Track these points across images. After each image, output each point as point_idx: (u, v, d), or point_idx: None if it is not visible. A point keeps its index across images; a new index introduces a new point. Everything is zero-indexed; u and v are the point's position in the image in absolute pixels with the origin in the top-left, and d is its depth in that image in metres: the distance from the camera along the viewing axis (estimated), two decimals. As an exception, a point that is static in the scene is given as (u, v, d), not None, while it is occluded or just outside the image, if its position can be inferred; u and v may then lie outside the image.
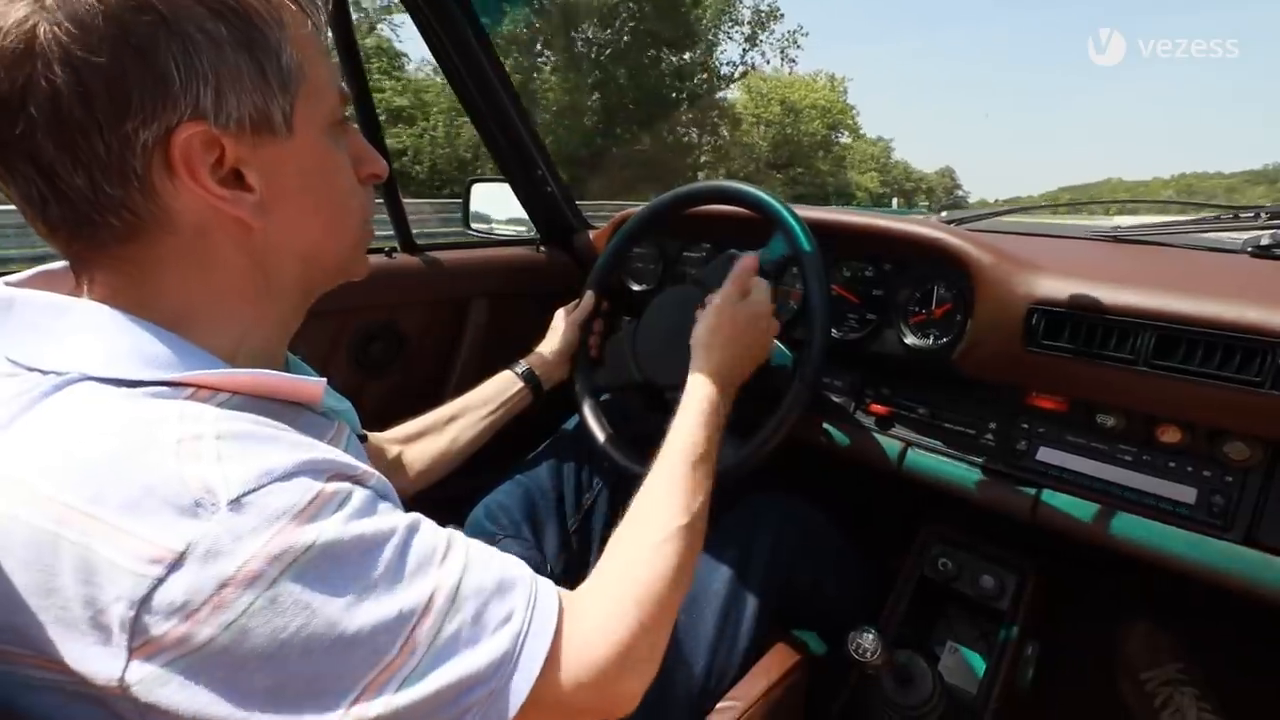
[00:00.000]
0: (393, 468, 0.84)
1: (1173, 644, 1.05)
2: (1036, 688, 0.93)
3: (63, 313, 0.39)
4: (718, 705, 0.79)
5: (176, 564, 0.31)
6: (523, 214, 1.39)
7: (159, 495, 0.32)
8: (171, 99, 0.36)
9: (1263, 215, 0.96)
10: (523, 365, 0.99)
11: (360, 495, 0.38)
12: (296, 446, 0.37)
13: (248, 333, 0.45)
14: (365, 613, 0.35)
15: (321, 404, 0.49)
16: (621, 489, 0.91)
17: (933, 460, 0.94)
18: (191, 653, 0.31)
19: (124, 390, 0.36)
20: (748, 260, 0.84)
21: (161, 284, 0.41)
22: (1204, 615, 1.02)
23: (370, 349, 1.17)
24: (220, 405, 0.38)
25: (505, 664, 0.39)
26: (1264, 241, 0.94)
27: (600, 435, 0.94)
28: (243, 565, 0.32)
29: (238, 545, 0.32)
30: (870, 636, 0.77)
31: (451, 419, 0.92)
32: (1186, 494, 0.77)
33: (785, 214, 0.84)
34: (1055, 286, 0.78)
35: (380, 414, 0.87)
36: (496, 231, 1.47)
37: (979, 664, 0.97)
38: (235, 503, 0.32)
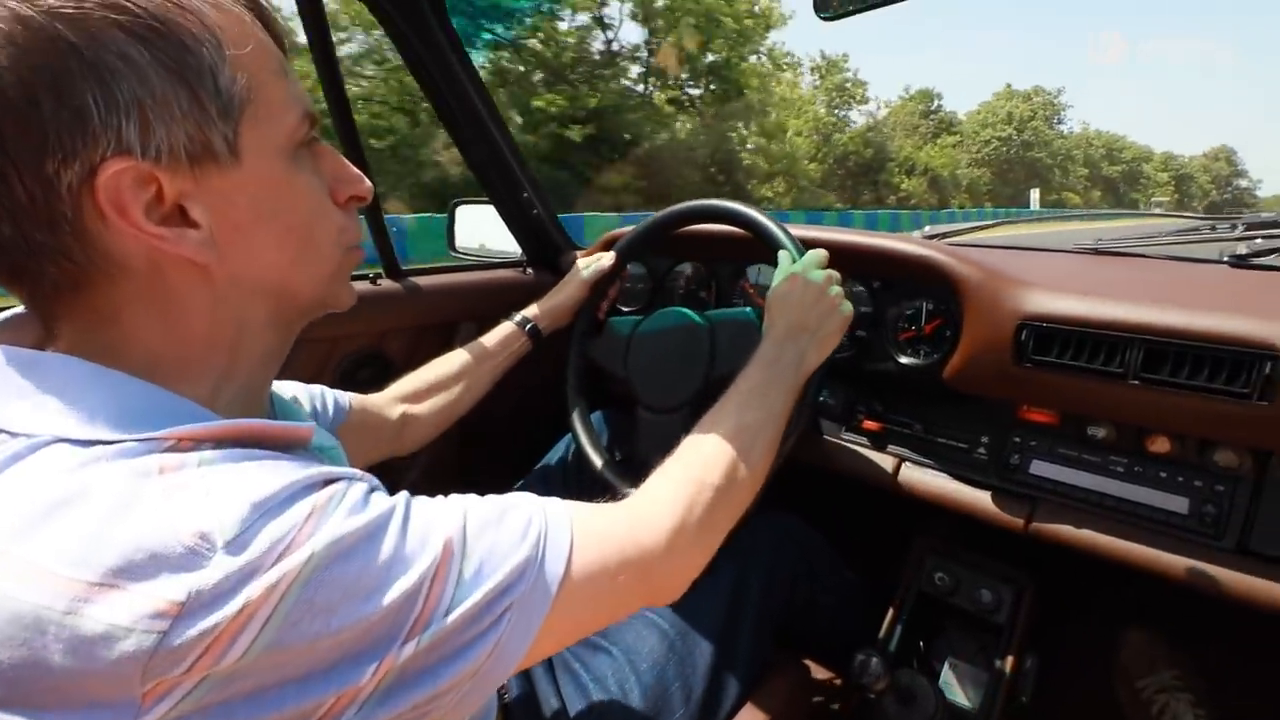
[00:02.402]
0: (400, 425, 0.84)
1: (1169, 651, 1.05)
2: (1037, 700, 0.93)
3: (29, 368, 0.36)
4: None
5: (181, 615, 0.29)
6: (508, 235, 1.38)
7: (150, 550, 0.30)
8: (91, 135, 0.33)
9: (1239, 226, 0.99)
10: (522, 315, 0.99)
11: (355, 489, 0.37)
12: (280, 469, 0.35)
13: (226, 377, 0.43)
14: (385, 587, 0.35)
15: (311, 445, 0.47)
16: None
17: (927, 476, 0.94)
18: (216, 678, 0.30)
19: (100, 449, 0.33)
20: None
21: (126, 331, 0.38)
22: (1200, 623, 1.03)
23: (358, 376, 1.15)
24: (203, 453, 0.36)
25: (529, 567, 0.41)
26: (1241, 251, 0.96)
27: (597, 460, 0.93)
28: (251, 598, 0.31)
29: (242, 583, 0.31)
30: (875, 660, 0.77)
31: (460, 374, 0.92)
32: (1179, 504, 0.77)
33: (787, 242, 0.84)
34: (1044, 302, 0.79)
35: None
36: (482, 254, 1.46)
37: (979, 679, 0.96)
38: (231, 544, 0.31)
